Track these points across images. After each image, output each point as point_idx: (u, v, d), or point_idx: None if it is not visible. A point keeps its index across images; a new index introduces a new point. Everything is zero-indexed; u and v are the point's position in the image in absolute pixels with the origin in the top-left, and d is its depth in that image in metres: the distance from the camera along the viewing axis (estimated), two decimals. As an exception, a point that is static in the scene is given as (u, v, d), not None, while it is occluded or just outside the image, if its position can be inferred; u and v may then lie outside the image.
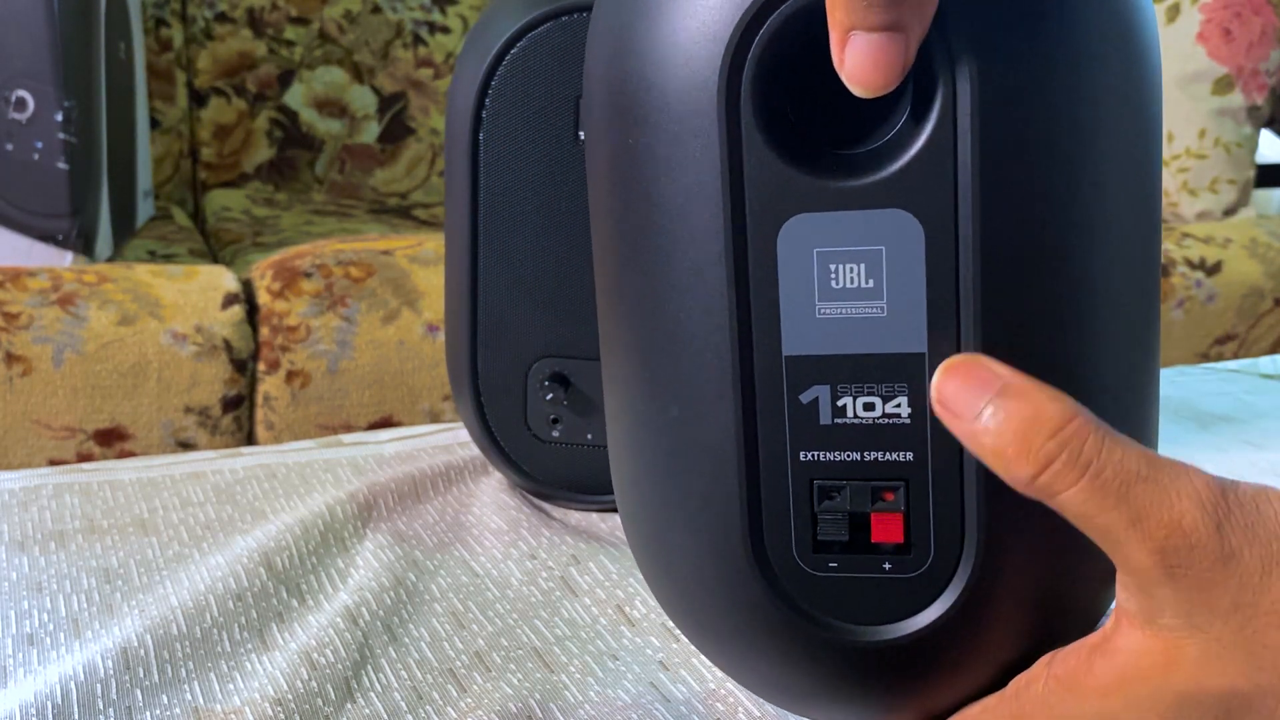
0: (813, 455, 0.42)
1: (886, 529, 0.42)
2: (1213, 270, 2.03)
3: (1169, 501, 0.37)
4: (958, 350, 0.40)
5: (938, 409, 0.39)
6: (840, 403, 0.42)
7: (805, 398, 0.42)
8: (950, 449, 0.41)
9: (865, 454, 0.42)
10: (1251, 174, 2.28)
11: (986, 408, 0.38)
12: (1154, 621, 0.38)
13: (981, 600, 0.42)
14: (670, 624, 0.66)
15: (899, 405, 0.41)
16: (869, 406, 0.42)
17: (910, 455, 0.41)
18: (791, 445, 0.43)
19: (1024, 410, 0.38)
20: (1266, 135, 2.45)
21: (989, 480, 0.40)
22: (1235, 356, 2.09)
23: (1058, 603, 0.43)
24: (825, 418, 0.42)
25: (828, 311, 0.41)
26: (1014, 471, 0.38)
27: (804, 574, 0.44)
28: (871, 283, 0.41)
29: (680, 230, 0.42)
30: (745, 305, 0.42)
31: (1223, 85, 2.18)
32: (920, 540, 0.42)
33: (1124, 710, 0.39)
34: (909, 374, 0.41)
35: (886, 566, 0.43)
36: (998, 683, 0.44)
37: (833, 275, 0.41)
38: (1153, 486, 0.37)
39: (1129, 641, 0.39)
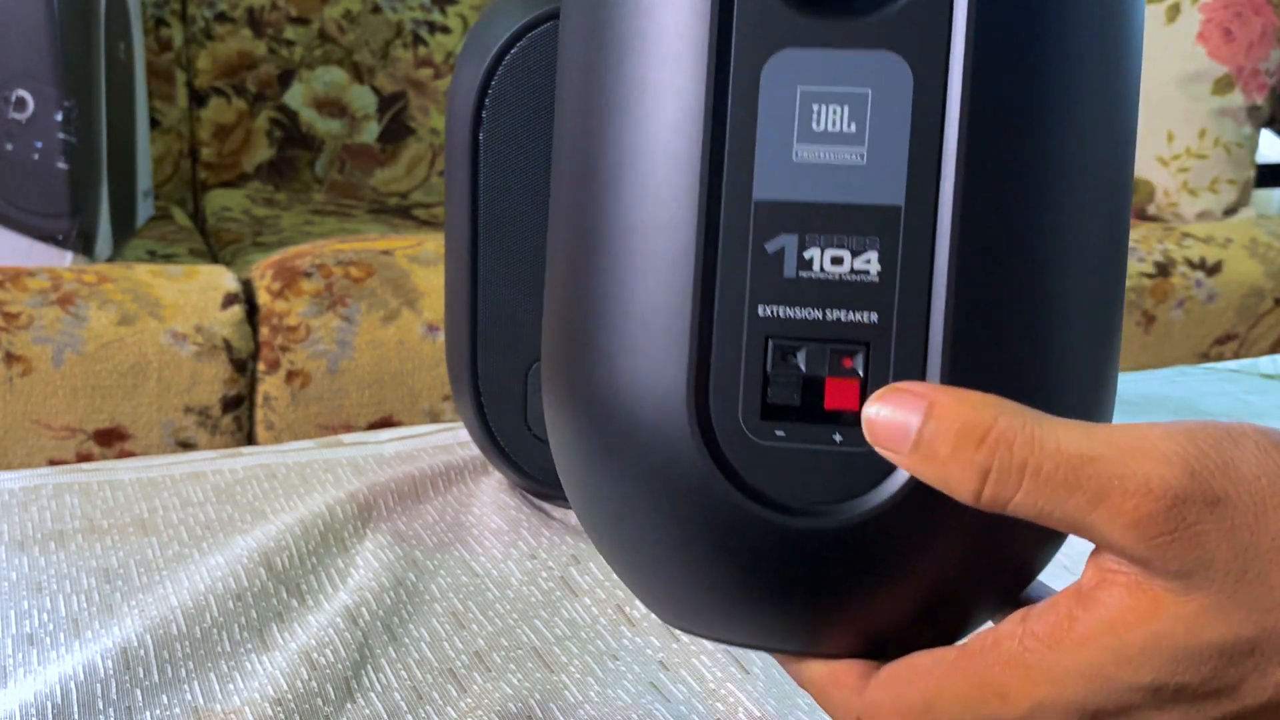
0: (772, 310, 0.40)
1: (842, 395, 0.40)
2: (1213, 270, 2.03)
3: (1128, 470, 0.35)
4: (934, 209, 0.39)
5: (875, 446, 0.38)
6: (807, 254, 0.40)
7: (771, 247, 0.40)
8: (918, 314, 0.39)
9: (827, 312, 0.40)
10: (1252, 174, 2.28)
11: (916, 435, 0.37)
12: (1145, 584, 0.36)
13: None
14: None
15: (868, 261, 0.39)
16: (837, 260, 0.39)
17: (875, 317, 0.39)
18: (751, 298, 0.40)
19: (949, 428, 0.36)
20: (1266, 135, 2.45)
21: (956, 352, 0.39)
22: (1235, 356, 2.09)
23: None
24: (790, 270, 0.40)
25: (805, 155, 0.39)
26: (959, 494, 0.37)
27: (749, 442, 0.40)
28: (854, 127, 0.39)
29: (658, 67, 0.40)
30: (720, 144, 0.40)
31: (1223, 85, 2.18)
32: None
33: (1113, 664, 0.36)
34: (882, 228, 0.39)
35: (837, 439, 0.40)
36: (942, 590, 0.41)
37: (814, 116, 0.39)
38: (1104, 462, 0.35)
39: (1116, 598, 0.36)
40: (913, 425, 0.37)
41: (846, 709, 0.41)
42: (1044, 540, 0.42)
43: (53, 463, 1.56)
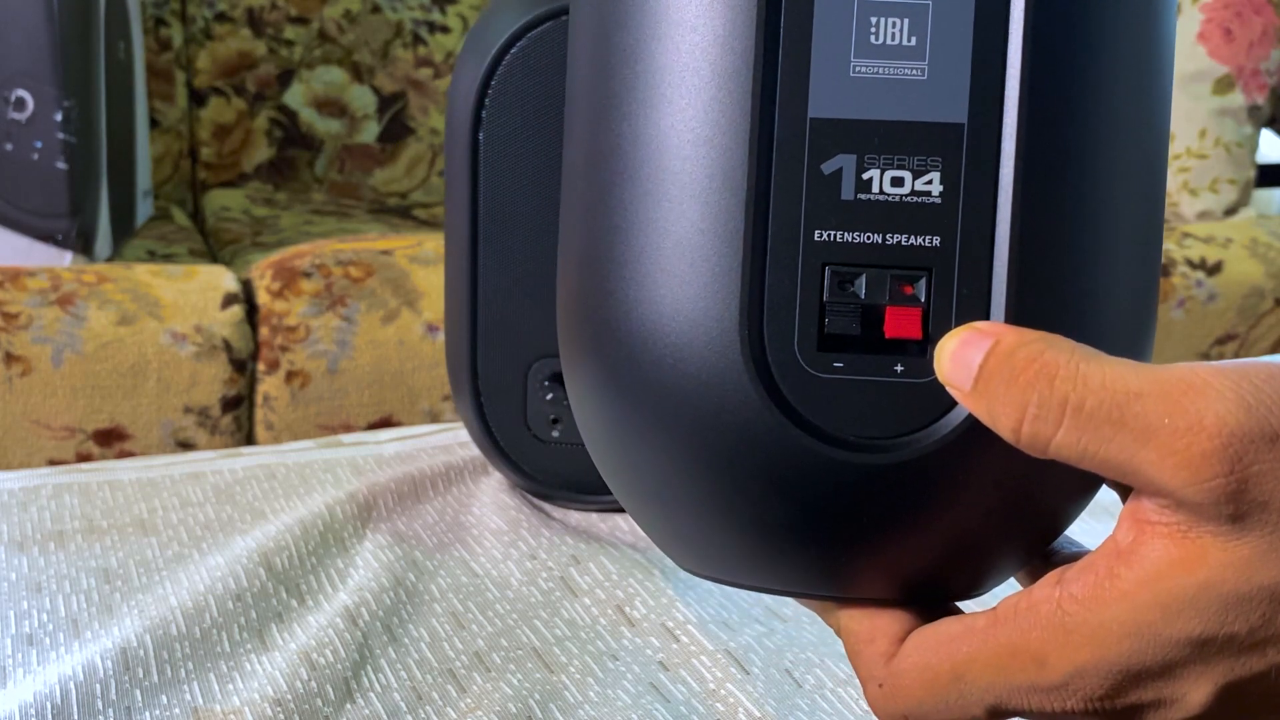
0: (829, 235, 0.38)
1: (903, 324, 0.38)
2: (1213, 270, 2.03)
3: (1180, 406, 0.32)
4: (999, 127, 0.37)
5: (943, 382, 0.37)
6: (866, 175, 0.38)
7: (828, 168, 0.38)
8: (983, 238, 0.37)
9: (888, 236, 0.38)
10: (1252, 174, 2.28)
11: (977, 371, 0.35)
12: (1192, 531, 0.33)
13: None
14: (670, 624, 0.66)
15: (930, 182, 0.37)
16: (897, 181, 0.38)
17: (938, 240, 0.37)
18: (806, 222, 0.38)
19: (1000, 365, 0.35)
20: (1267, 135, 2.45)
21: (1021, 277, 0.37)
22: (1236, 356, 2.09)
23: None
24: (848, 192, 0.38)
25: (863, 70, 0.38)
26: (1001, 431, 0.35)
27: (806, 375, 0.38)
28: (914, 40, 0.37)
29: None
30: (773, 58, 0.38)
31: (1223, 85, 2.18)
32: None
33: (1160, 619, 0.34)
34: (945, 147, 0.37)
35: (899, 369, 0.38)
36: (983, 532, 0.39)
37: (873, 30, 0.37)
38: (1153, 399, 0.33)
39: (1160, 549, 0.34)
40: (975, 361, 0.35)
41: (871, 674, 0.40)
42: (1082, 488, 0.40)
43: (52, 463, 1.56)
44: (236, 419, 1.63)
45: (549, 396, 0.78)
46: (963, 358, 0.36)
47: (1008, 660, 0.36)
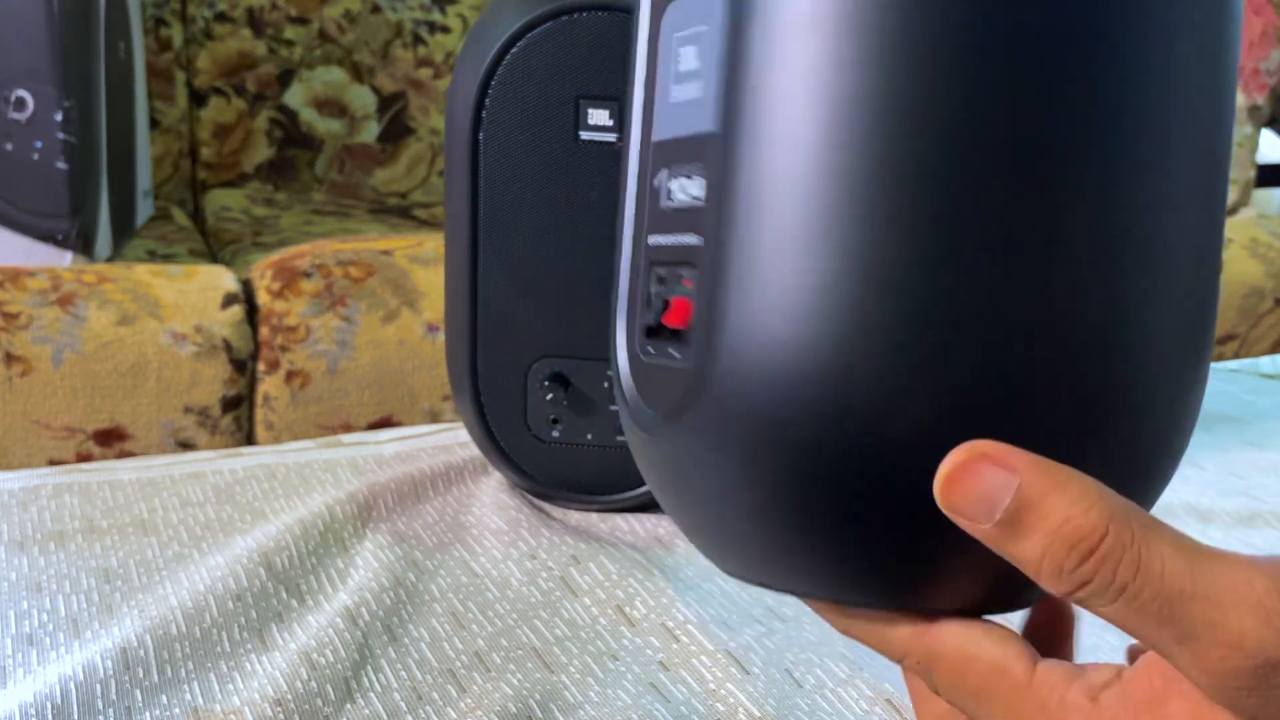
0: (652, 239, 0.43)
1: (676, 314, 0.41)
2: (1213, 270, 2.03)
3: (1222, 619, 0.33)
4: (740, 136, 0.39)
5: (945, 508, 0.35)
6: (670, 185, 0.42)
7: (656, 182, 0.43)
8: (721, 240, 0.39)
9: (676, 237, 0.42)
10: (1252, 174, 2.28)
11: (1005, 514, 0.34)
12: (1211, 709, 0.34)
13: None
14: (670, 624, 0.66)
15: (699, 187, 0.41)
16: (683, 189, 0.41)
17: (700, 240, 0.40)
18: (643, 229, 0.44)
19: (1048, 523, 0.34)
20: (1267, 135, 2.45)
21: (759, 278, 0.39)
22: (1235, 356, 2.09)
23: None
24: (664, 201, 0.42)
25: (675, 95, 0.42)
26: (1043, 584, 0.35)
27: (638, 362, 0.43)
28: (697, 64, 0.41)
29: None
30: (649, 98, 0.44)
31: (1223, 85, 2.18)
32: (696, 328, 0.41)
33: None
34: (705, 155, 0.40)
35: (675, 355, 0.41)
36: None
37: (678, 59, 0.42)
38: (1201, 603, 0.33)
39: (1185, 713, 0.35)
40: (1000, 501, 0.34)
41: (1027, 710, 0.38)
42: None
43: (52, 463, 1.56)
44: (236, 419, 1.63)
45: (549, 396, 0.78)
46: (980, 492, 0.35)
47: None
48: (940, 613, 0.40)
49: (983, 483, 0.34)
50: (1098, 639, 0.56)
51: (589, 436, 0.79)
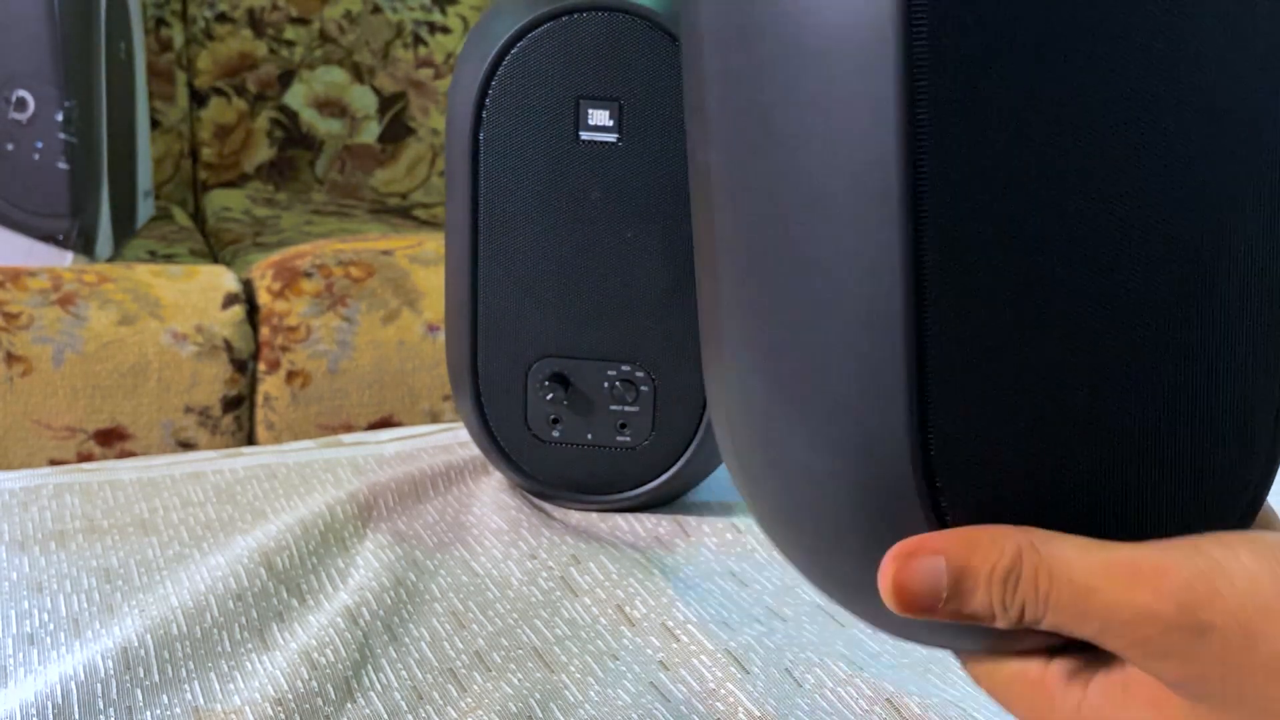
0: None
1: None
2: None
3: (1124, 600, 0.38)
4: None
5: (910, 615, 0.39)
6: None
7: None
8: None
9: None
10: None
11: (949, 590, 0.39)
12: (1165, 692, 0.39)
13: None
14: (671, 623, 0.66)
15: None
16: None
17: None
18: None
19: (980, 576, 0.38)
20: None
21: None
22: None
23: None
24: None
25: None
26: (1000, 626, 0.39)
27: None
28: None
29: None
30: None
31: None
32: None
33: None
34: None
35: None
36: None
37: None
38: (1104, 593, 0.38)
39: (1145, 696, 0.39)
40: (940, 582, 0.39)
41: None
42: None
43: (53, 463, 1.56)
44: (237, 419, 1.63)
45: (549, 396, 0.78)
46: (923, 588, 0.39)
47: None
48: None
49: (919, 577, 0.39)
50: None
51: (589, 436, 0.79)
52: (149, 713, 0.59)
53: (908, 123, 0.36)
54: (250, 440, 1.65)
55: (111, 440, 1.58)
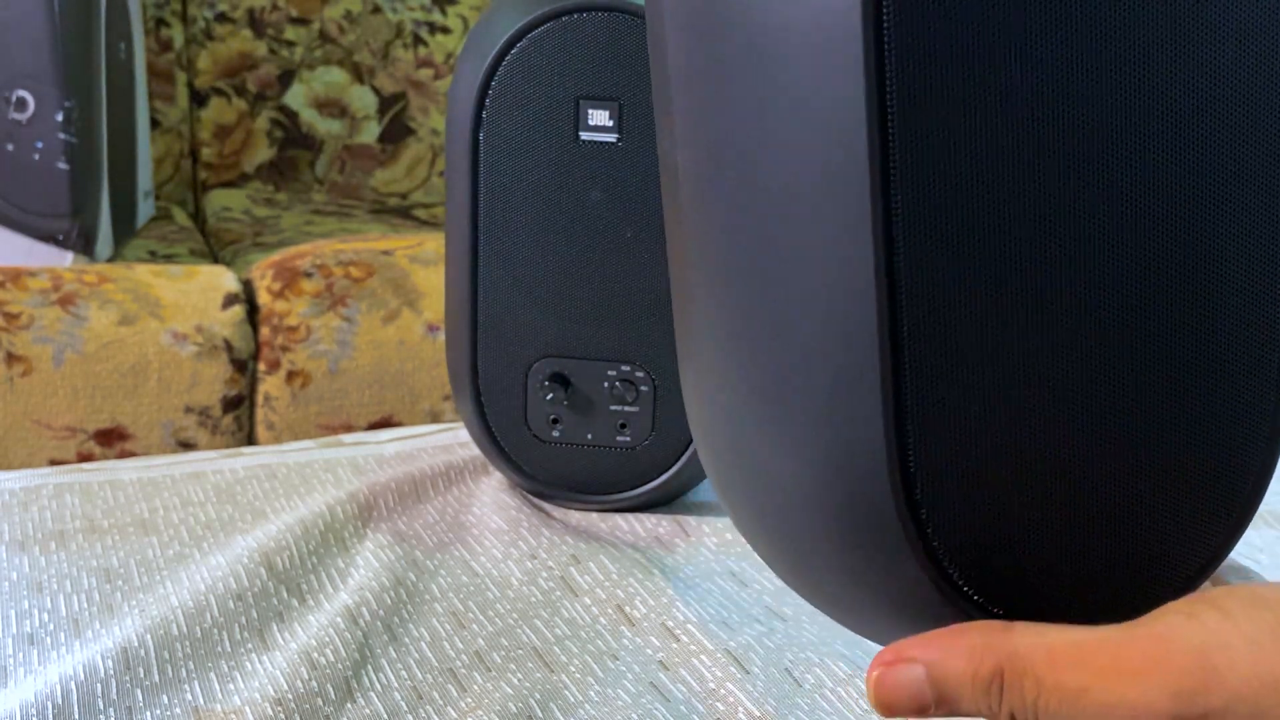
0: None
1: None
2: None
3: (1118, 698, 0.36)
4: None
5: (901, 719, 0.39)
6: None
7: None
8: None
9: None
10: None
11: (934, 700, 0.38)
12: None
13: None
14: (671, 623, 0.66)
15: None
16: None
17: None
18: None
19: (965, 686, 0.37)
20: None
21: None
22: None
23: None
24: None
25: None
26: None
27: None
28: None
29: None
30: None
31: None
32: None
33: None
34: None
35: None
36: None
37: None
38: (1096, 693, 0.36)
39: None
40: (924, 692, 0.38)
41: None
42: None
43: (53, 463, 1.56)
44: (237, 419, 1.63)
45: (549, 396, 0.78)
46: (908, 698, 0.38)
47: None
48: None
49: (901, 686, 0.38)
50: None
51: (589, 436, 0.79)
52: (149, 713, 0.59)
53: (877, 120, 0.35)
54: (250, 440, 1.65)
55: (112, 440, 1.58)
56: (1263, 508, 0.82)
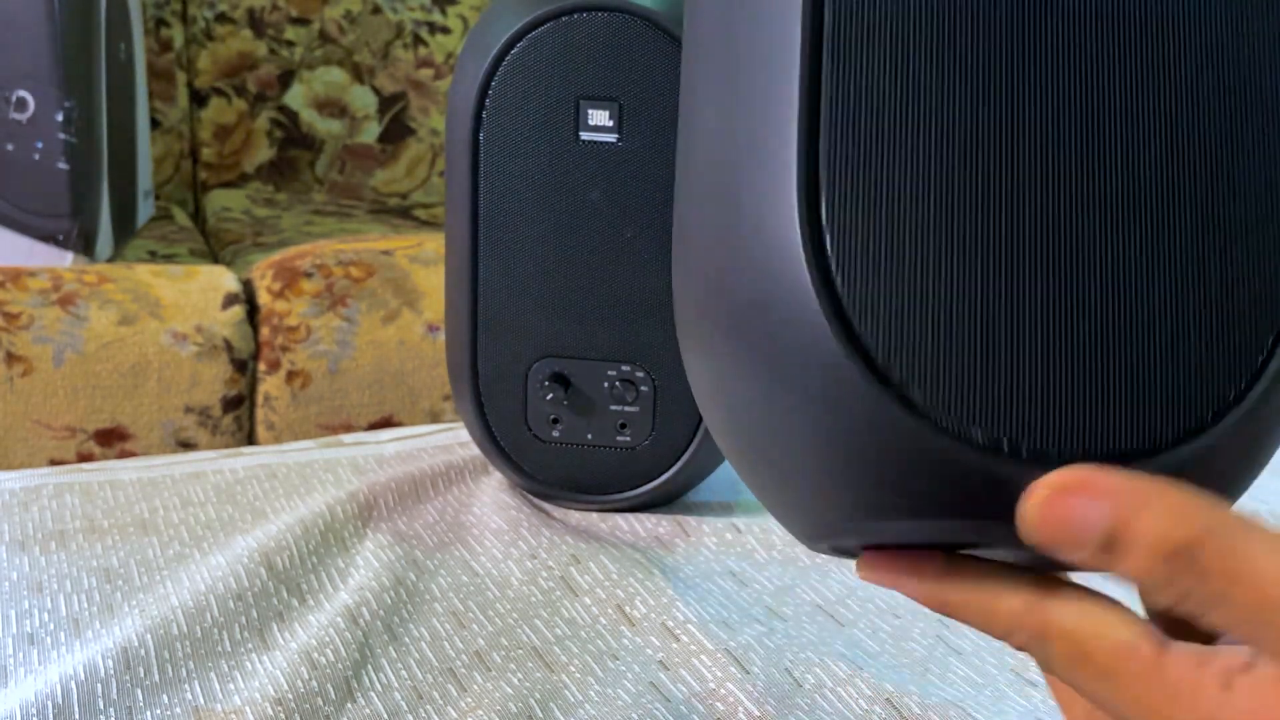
0: None
1: None
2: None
3: None
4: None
5: (1039, 548, 0.34)
6: None
7: None
8: None
9: None
10: None
11: (1099, 543, 0.34)
12: None
13: None
14: (670, 623, 0.66)
15: None
16: None
17: None
18: None
19: (1142, 543, 0.33)
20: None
21: None
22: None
23: None
24: None
25: None
26: (1146, 602, 0.35)
27: None
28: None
29: None
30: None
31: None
32: None
33: None
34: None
35: None
36: None
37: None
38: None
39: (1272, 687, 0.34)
40: (1092, 531, 0.34)
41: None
42: None
43: (53, 463, 1.56)
44: (237, 419, 1.63)
45: (549, 396, 0.78)
46: (1072, 529, 0.34)
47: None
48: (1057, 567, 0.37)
49: (1073, 516, 0.34)
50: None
51: (589, 436, 0.79)
52: (149, 713, 0.59)
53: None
54: (250, 440, 1.65)
55: (111, 440, 1.58)
56: (1264, 508, 0.82)
